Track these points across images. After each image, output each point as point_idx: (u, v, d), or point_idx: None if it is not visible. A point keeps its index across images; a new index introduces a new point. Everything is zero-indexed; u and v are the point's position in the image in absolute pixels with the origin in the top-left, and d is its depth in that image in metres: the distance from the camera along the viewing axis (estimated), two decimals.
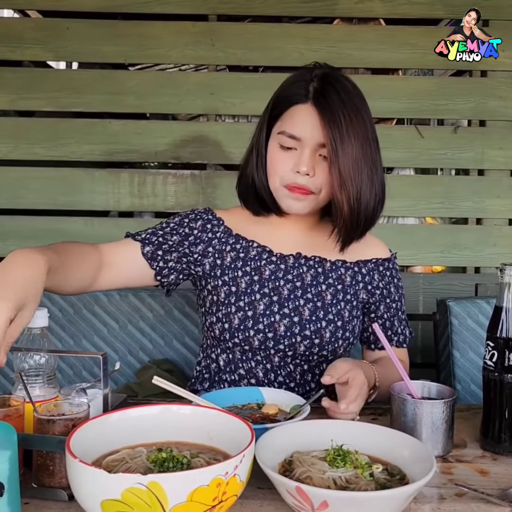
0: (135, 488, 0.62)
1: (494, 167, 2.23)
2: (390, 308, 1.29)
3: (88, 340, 1.64)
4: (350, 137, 1.10)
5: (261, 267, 1.23)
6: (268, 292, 1.20)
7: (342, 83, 1.15)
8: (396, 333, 1.30)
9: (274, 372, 1.21)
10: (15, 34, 2.15)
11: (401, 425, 0.93)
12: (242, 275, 1.22)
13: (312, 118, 1.12)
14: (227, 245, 1.25)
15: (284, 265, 1.23)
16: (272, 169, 1.18)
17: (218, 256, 1.24)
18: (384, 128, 2.34)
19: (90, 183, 2.19)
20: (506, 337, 0.94)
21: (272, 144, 1.18)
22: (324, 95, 1.13)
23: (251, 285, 1.21)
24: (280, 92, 1.20)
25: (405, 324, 1.33)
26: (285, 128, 1.15)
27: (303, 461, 0.79)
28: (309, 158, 1.13)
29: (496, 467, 0.90)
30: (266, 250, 1.25)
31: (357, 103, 1.14)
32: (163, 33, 2.17)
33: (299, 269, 1.23)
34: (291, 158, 1.15)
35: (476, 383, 1.54)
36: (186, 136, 2.21)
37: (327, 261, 1.25)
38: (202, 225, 1.25)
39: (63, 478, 0.78)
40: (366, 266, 1.27)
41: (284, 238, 1.26)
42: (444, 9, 2.19)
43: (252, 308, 1.19)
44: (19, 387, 0.89)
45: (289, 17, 2.35)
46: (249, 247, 1.25)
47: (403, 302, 1.33)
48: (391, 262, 1.31)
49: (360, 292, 1.26)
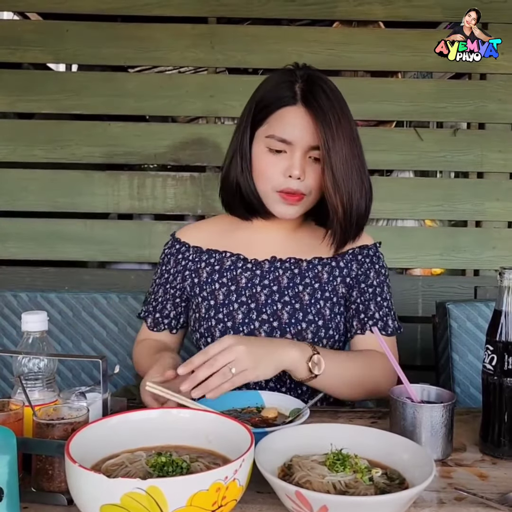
0: (135, 493, 0.62)
1: (493, 170, 2.23)
2: (365, 293, 1.22)
3: (87, 342, 1.64)
4: (340, 137, 1.10)
5: (237, 276, 1.22)
6: (245, 300, 1.20)
7: (327, 83, 1.15)
8: (371, 317, 1.21)
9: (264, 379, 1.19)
10: (15, 36, 2.16)
11: (400, 429, 0.93)
12: (219, 287, 1.22)
13: (303, 120, 1.11)
14: (201, 262, 1.26)
15: (260, 271, 1.22)
16: (261, 173, 1.16)
17: (194, 275, 1.25)
18: (383, 130, 2.35)
19: (89, 185, 2.19)
20: (506, 341, 0.94)
21: (259, 148, 1.16)
22: (313, 95, 1.12)
23: (229, 296, 1.20)
24: (264, 94, 1.17)
25: (388, 312, 1.23)
26: (274, 132, 1.13)
27: (303, 465, 0.79)
28: (300, 161, 1.12)
29: (495, 471, 0.90)
30: (240, 258, 1.24)
31: (342, 104, 1.14)
32: (162, 36, 2.17)
33: (275, 273, 1.22)
34: (280, 161, 1.14)
35: (475, 386, 1.54)
36: (186, 139, 2.21)
37: (303, 261, 1.23)
38: (174, 261, 1.29)
39: (62, 482, 0.77)
40: (343, 259, 1.24)
41: (260, 244, 1.25)
42: (443, 12, 2.19)
43: (231, 318, 1.18)
44: (18, 391, 0.89)
45: (288, 19, 2.36)
46: (223, 258, 1.24)
47: (385, 290, 1.24)
48: (372, 250, 1.27)
49: (339, 287, 1.22)
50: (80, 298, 1.64)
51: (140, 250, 2.22)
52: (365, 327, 1.21)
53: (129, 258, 2.24)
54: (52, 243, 2.19)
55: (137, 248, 2.22)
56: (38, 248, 2.19)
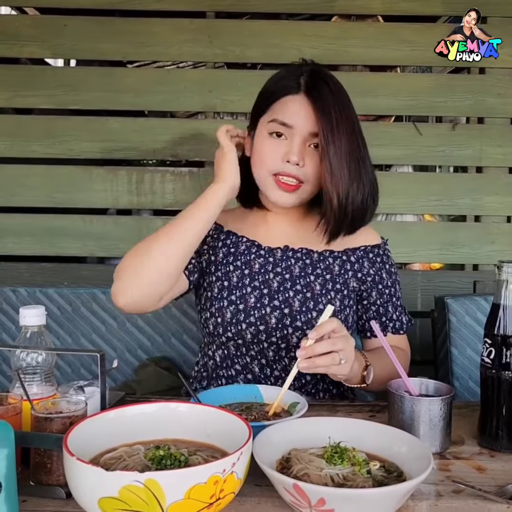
0: (133, 486, 0.62)
1: (492, 164, 2.22)
2: (383, 294, 1.28)
3: (86, 337, 1.64)
4: (340, 129, 1.13)
5: (251, 261, 1.25)
6: (258, 285, 1.22)
7: (331, 78, 1.19)
8: (391, 319, 1.29)
9: (269, 367, 1.21)
10: (12, 31, 2.14)
11: (398, 422, 0.93)
12: (233, 270, 1.24)
13: (305, 108, 1.15)
14: (219, 241, 1.28)
15: (273, 258, 1.25)
16: (259, 157, 1.18)
17: (212, 252, 1.27)
18: (382, 125, 2.34)
19: (88, 180, 2.19)
20: (504, 334, 0.95)
21: (260, 134, 1.19)
22: (316, 87, 1.15)
23: (242, 279, 1.22)
24: (269, 86, 1.21)
25: (402, 310, 1.31)
26: (276, 116, 1.16)
27: (301, 458, 0.79)
28: (299, 148, 1.14)
29: (493, 463, 0.91)
30: (255, 244, 1.27)
31: (345, 100, 1.18)
32: (161, 30, 2.16)
33: (287, 262, 1.25)
34: (280, 146, 1.16)
35: (474, 380, 1.54)
36: (184, 134, 2.20)
37: (314, 252, 1.26)
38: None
39: (60, 476, 0.78)
40: (354, 254, 1.28)
41: (272, 232, 1.28)
42: (442, 6, 2.18)
43: (243, 301, 1.20)
44: (16, 385, 0.89)
45: (287, 14, 2.35)
46: (238, 242, 1.27)
47: (397, 288, 1.31)
48: (381, 249, 1.31)
49: (350, 280, 1.26)
50: (79, 294, 1.64)
51: None
52: (386, 330, 1.28)
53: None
54: (51, 239, 2.19)
55: (136, 243, 2.21)
56: (37, 244, 2.18)
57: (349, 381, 1.11)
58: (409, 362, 1.32)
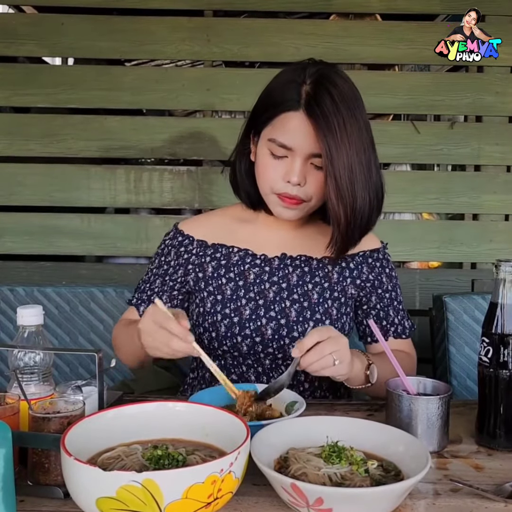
0: (130, 486, 0.62)
1: (490, 163, 2.23)
2: (383, 299, 1.26)
3: (84, 337, 1.64)
4: (345, 144, 1.06)
5: (245, 271, 1.21)
6: (253, 296, 1.19)
7: (336, 84, 1.09)
8: (392, 324, 1.26)
9: (266, 375, 1.19)
10: (10, 30, 2.14)
11: (396, 421, 0.93)
12: (226, 282, 1.20)
13: (305, 127, 1.07)
14: (206, 257, 1.23)
15: (269, 267, 1.21)
16: (262, 174, 1.15)
17: (199, 269, 1.23)
18: (380, 123, 2.34)
19: (86, 179, 2.19)
20: (501, 333, 0.95)
21: (262, 150, 1.14)
22: (317, 100, 1.07)
23: (236, 291, 1.19)
24: (271, 92, 1.14)
25: (404, 314, 1.28)
26: (276, 136, 1.10)
27: (299, 457, 0.79)
28: (300, 168, 1.10)
29: (491, 462, 0.91)
30: (249, 253, 1.23)
31: (351, 105, 1.09)
32: (158, 29, 2.16)
33: (285, 270, 1.21)
34: (281, 166, 1.11)
35: (472, 378, 1.54)
36: (182, 132, 2.20)
37: (314, 259, 1.23)
38: (175, 253, 1.25)
39: (58, 475, 0.78)
40: (354, 260, 1.24)
41: (269, 239, 1.24)
42: (441, 5, 2.18)
43: (238, 314, 1.17)
44: (14, 385, 0.89)
45: (285, 12, 2.34)
46: (229, 253, 1.23)
47: (398, 292, 1.28)
48: (381, 253, 1.27)
49: (348, 287, 1.23)
50: (77, 293, 1.64)
51: (137, 244, 2.21)
52: (388, 334, 1.26)
53: (126, 252, 2.23)
54: (49, 238, 2.19)
55: (134, 242, 2.22)
56: (35, 243, 2.18)
57: (352, 382, 1.10)
58: (415, 366, 1.29)
